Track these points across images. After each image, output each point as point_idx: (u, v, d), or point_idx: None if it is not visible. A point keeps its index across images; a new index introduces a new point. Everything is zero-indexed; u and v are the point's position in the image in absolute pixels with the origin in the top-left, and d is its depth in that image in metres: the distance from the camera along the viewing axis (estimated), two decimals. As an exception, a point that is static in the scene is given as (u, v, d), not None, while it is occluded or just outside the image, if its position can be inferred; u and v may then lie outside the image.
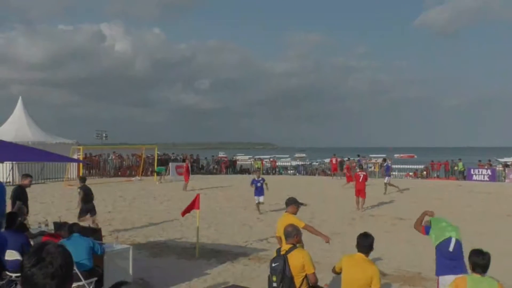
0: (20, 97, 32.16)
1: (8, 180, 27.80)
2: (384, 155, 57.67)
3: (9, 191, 10.76)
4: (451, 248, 6.22)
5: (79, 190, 12.95)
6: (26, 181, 10.92)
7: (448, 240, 6.27)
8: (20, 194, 10.44)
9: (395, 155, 79.74)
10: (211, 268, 9.76)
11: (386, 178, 24.75)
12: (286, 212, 7.85)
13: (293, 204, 7.81)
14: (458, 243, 6.28)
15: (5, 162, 25.70)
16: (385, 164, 27.61)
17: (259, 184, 17.51)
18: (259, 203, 17.20)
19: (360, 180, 18.66)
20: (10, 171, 27.96)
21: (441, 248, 6.30)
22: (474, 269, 4.91)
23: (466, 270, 5.80)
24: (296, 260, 5.60)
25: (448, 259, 6.22)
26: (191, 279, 8.96)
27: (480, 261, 4.86)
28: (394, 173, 40.95)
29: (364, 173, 19.49)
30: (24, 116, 31.41)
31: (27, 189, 11.01)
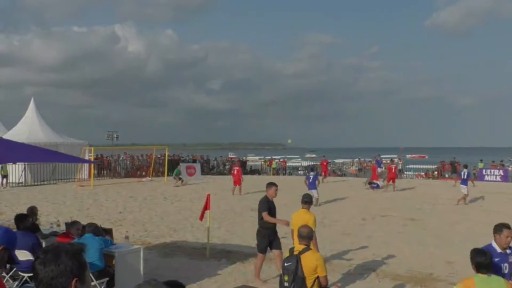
0: (32, 98, 32.40)
1: (20, 180, 28.09)
2: (395, 155, 57.38)
3: (19, 192, 10.75)
4: None
5: None
6: (271, 191, 8.99)
7: None
8: (268, 205, 8.85)
9: (407, 156, 79.19)
10: (222, 269, 9.76)
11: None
12: (303, 208, 8.20)
13: (308, 202, 8.26)
14: None
15: (17, 163, 25.96)
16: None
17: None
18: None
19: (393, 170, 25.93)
20: (22, 172, 28.21)
21: None
22: (478, 270, 4.82)
23: None
24: (309, 261, 5.59)
25: None
26: (202, 279, 8.97)
27: (484, 261, 4.79)
28: (407, 172, 40.85)
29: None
30: (36, 117, 31.65)
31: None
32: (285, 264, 5.72)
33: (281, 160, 50.90)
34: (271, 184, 9.03)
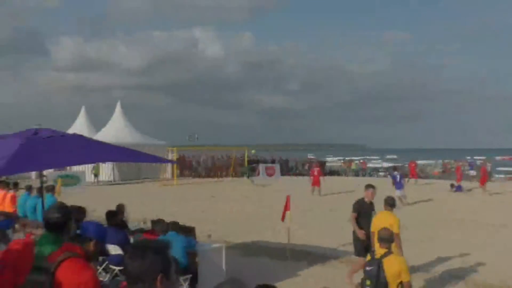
0: (119, 101, 34.03)
1: (110, 179, 29.58)
2: (483, 157, 54.52)
3: (108, 189, 11.23)
4: None
5: None
6: (367, 192, 8.72)
7: None
8: (362, 208, 8.69)
9: (497, 157, 74.90)
10: (302, 270, 9.71)
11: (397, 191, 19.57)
12: (385, 210, 7.91)
13: (392, 204, 7.92)
14: None
15: (106, 163, 27.36)
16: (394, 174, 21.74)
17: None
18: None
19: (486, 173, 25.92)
20: (111, 171, 29.69)
21: None
22: None
23: None
24: (392, 266, 5.41)
25: None
26: (282, 280, 8.95)
27: None
28: (497, 175, 38.61)
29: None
30: (122, 119, 33.20)
31: None
32: (367, 269, 5.58)
33: (361, 161, 49.97)
34: (367, 186, 8.85)
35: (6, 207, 11.63)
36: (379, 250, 5.70)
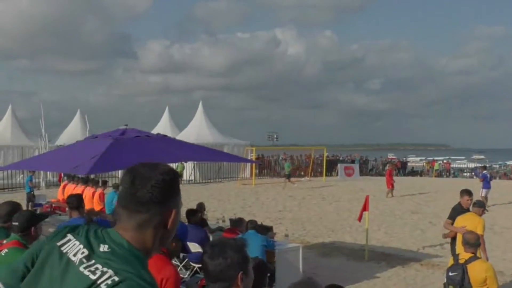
0: (201, 102, 34.89)
1: (190, 178, 30.46)
2: None
3: (189, 188, 11.54)
4: None
5: None
6: (461, 199, 8.21)
7: None
8: (455, 213, 8.10)
9: None
10: (381, 272, 9.54)
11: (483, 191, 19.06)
12: (472, 211, 7.57)
13: (479, 206, 7.54)
14: None
15: (188, 162, 28.21)
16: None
17: None
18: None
19: None
20: (192, 170, 30.57)
21: None
22: None
23: None
24: (477, 272, 5.19)
25: None
26: (360, 281, 8.85)
27: None
28: None
29: None
30: (204, 119, 34.03)
31: None
32: (450, 274, 5.39)
33: (445, 161, 48.09)
34: (462, 192, 8.35)
35: (95, 204, 12.34)
36: (463, 254, 5.49)
